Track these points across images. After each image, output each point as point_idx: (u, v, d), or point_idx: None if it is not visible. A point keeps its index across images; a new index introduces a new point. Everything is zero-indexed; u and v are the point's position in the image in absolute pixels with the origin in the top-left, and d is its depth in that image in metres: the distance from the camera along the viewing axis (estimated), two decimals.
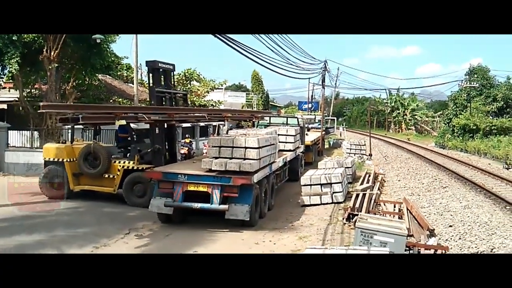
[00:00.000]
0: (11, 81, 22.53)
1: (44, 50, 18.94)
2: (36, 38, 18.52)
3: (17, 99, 21.21)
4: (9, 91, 24.69)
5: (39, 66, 20.05)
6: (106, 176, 13.59)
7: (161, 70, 14.41)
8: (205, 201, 10.53)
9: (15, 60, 17.91)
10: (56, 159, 14.00)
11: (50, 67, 19.29)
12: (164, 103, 14.31)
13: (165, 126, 14.37)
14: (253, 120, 18.59)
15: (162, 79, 14.70)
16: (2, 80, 22.12)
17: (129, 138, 14.49)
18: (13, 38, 17.98)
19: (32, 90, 23.14)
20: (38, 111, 11.37)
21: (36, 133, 19.49)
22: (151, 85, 14.39)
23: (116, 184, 13.52)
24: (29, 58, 19.16)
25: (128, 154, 14.22)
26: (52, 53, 18.99)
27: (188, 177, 10.66)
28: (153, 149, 13.57)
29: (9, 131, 18.35)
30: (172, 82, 15.27)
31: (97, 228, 10.78)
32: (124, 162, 13.60)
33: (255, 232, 10.64)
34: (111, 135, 18.30)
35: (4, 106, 23.81)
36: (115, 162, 13.65)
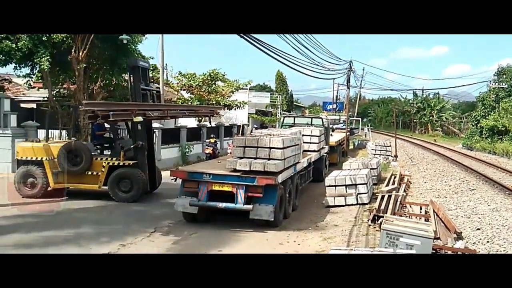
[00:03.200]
0: (40, 80, 23.02)
1: (73, 50, 19.28)
2: (64, 39, 18.88)
3: (46, 98, 21.64)
4: (38, 90, 25.27)
5: (68, 66, 20.42)
6: (89, 173, 13.74)
7: (140, 68, 14.48)
8: (230, 201, 10.57)
9: (45, 60, 18.30)
10: (32, 158, 13.89)
11: (78, 67, 19.64)
12: (146, 99, 14.43)
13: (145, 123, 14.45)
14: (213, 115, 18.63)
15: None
16: (32, 80, 22.60)
17: (106, 135, 14.94)
18: (43, 38, 18.38)
19: (61, 90, 23.60)
20: (80, 108, 11.66)
21: (64, 132, 19.86)
22: (132, 83, 14.43)
23: (101, 180, 13.72)
24: (58, 58, 19.51)
25: (104, 151, 14.62)
26: (80, 54, 19.32)
27: (213, 177, 10.72)
28: (136, 145, 13.87)
29: (38, 130, 18.72)
30: (148, 80, 15.45)
31: (124, 226, 10.94)
32: (109, 159, 13.86)
33: (279, 232, 10.64)
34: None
35: (33, 105, 24.33)
36: (97, 159, 13.90)
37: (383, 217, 10.05)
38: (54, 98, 21.10)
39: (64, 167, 13.61)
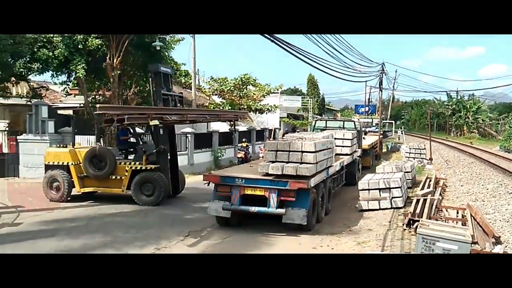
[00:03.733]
0: (76, 87, 23.61)
1: (107, 57, 19.72)
2: (99, 46, 19.33)
3: (82, 105, 22.18)
4: (74, 97, 25.93)
5: (103, 73, 20.91)
6: (113, 177, 14.08)
7: (162, 73, 14.78)
8: (262, 205, 10.57)
9: (81, 67, 18.78)
10: (59, 163, 14.37)
11: (113, 74, 20.06)
12: (168, 104, 14.67)
13: (167, 127, 14.76)
14: (237, 119, 18.41)
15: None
16: (69, 87, 23.22)
17: (130, 140, 15.22)
18: (79, 46, 18.86)
19: (96, 96, 24.15)
20: (95, 112, 12.01)
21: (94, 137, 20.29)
22: (154, 88, 14.77)
23: (124, 184, 14.01)
24: (93, 66, 20.00)
25: (128, 156, 14.87)
26: (114, 61, 19.74)
27: (245, 181, 10.74)
28: (158, 149, 14.12)
29: (75, 136, 19.20)
30: (171, 85, 15.72)
31: (158, 230, 11.09)
32: (132, 163, 14.11)
33: (312, 236, 10.59)
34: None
35: (70, 112, 24.97)
36: (120, 163, 14.18)
37: (418, 221, 9.90)
38: (90, 105, 21.59)
39: (89, 171, 14.00)
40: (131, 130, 15.29)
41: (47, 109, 19.17)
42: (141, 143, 15.14)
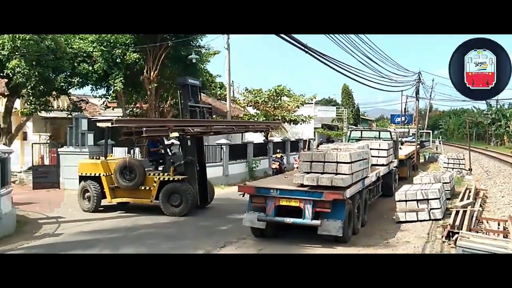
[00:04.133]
0: (115, 100, 24.21)
1: (145, 71, 20.17)
2: (137, 60, 19.79)
3: (120, 117, 22.68)
4: (113, 110, 26.57)
5: (140, 86, 21.39)
6: (142, 188, 14.39)
7: (190, 86, 15.03)
8: (297, 216, 10.53)
9: (119, 81, 19.28)
10: (91, 174, 14.84)
11: (150, 87, 20.51)
12: (195, 116, 14.83)
13: (195, 138, 14.96)
14: (269, 130, 18.17)
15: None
16: (108, 100, 23.81)
17: (160, 152, 15.45)
18: (117, 60, 19.38)
19: (134, 109, 24.69)
20: (111, 125, 12.34)
21: (137, 150, 20.70)
22: (182, 100, 15.05)
23: (153, 195, 14.31)
24: (131, 79, 20.49)
25: (159, 167, 15.09)
26: (151, 74, 20.18)
27: (280, 192, 10.73)
28: (186, 160, 14.40)
29: (113, 148, 19.63)
30: (200, 97, 15.96)
31: (195, 240, 11.19)
32: (160, 174, 14.39)
33: (349, 248, 10.46)
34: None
35: (109, 124, 25.53)
36: (149, 174, 14.47)
37: (458, 233, 9.68)
38: (128, 117, 22.07)
39: (119, 182, 14.41)
40: (161, 142, 15.61)
41: (87, 122, 19.69)
42: (170, 154, 15.46)
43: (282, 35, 7.89)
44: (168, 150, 15.63)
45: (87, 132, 19.33)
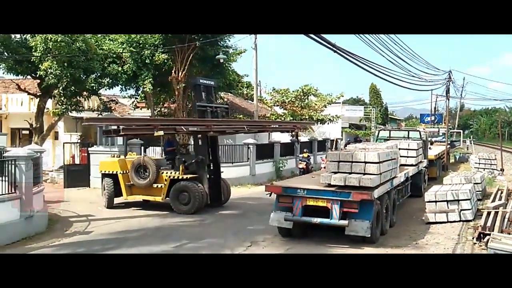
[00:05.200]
0: (144, 101, 24.51)
1: (173, 71, 20.35)
2: (166, 61, 20.00)
3: (149, 117, 22.95)
4: (141, 110, 26.92)
5: (168, 87, 21.58)
6: (155, 186, 14.79)
7: (202, 86, 15.31)
8: (325, 216, 10.46)
9: (148, 81, 19.54)
10: (110, 172, 15.29)
11: (178, 87, 20.68)
12: (206, 116, 14.94)
13: (208, 138, 15.17)
14: (296, 130, 17.95)
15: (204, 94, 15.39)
16: (137, 100, 24.11)
17: (176, 151, 15.73)
18: (146, 61, 19.63)
19: (162, 109, 24.95)
20: (83, 124, 12.55)
21: (159, 149, 20.91)
22: (193, 99, 15.36)
23: (163, 193, 14.65)
24: (159, 79, 20.72)
25: (174, 166, 15.30)
26: (179, 74, 20.35)
27: (307, 192, 10.69)
28: (196, 159, 14.65)
29: (142, 148, 19.90)
30: (214, 97, 16.16)
31: (222, 239, 11.26)
32: (170, 173, 14.69)
33: (377, 249, 10.35)
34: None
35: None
36: (162, 173, 14.76)
37: (489, 234, 9.48)
38: (157, 117, 22.31)
39: (134, 180, 14.86)
40: (176, 141, 16.01)
41: None
42: (184, 153, 15.75)
43: (311, 35, 7.89)
44: (179, 149, 15.92)
45: None
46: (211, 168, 15.42)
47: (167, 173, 14.80)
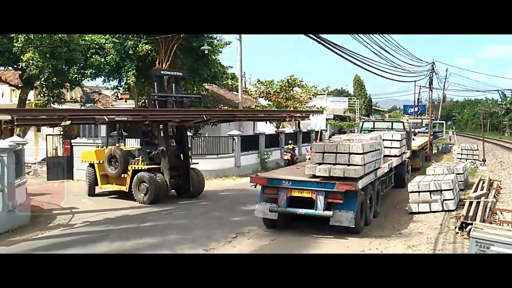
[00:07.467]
0: (127, 92, 24.28)
1: (157, 62, 20.18)
2: (149, 52, 19.82)
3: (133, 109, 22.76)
4: (125, 101, 26.66)
5: (152, 78, 21.37)
6: (123, 176, 15.14)
7: (165, 77, 15.74)
8: (309, 207, 10.52)
9: (131, 73, 19.35)
10: (90, 162, 15.99)
11: None
12: (167, 106, 15.08)
13: (173, 128, 15.60)
14: (298, 119, 17.72)
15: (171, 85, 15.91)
16: (119, 92, 23.88)
17: (152, 142, 15.82)
18: (129, 52, 19.43)
19: (146, 100, 24.72)
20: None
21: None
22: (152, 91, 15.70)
23: (127, 183, 14.94)
24: (143, 70, 20.52)
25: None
26: (163, 65, 20.17)
27: (292, 183, 10.72)
28: (158, 150, 14.80)
29: (126, 140, 19.72)
30: (182, 88, 16.55)
31: (208, 231, 11.26)
32: (134, 163, 14.95)
33: (361, 239, 10.45)
34: None
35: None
36: (130, 163, 15.04)
37: (471, 224, 9.58)
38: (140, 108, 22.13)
39: (107, 170, 15.23)
40: (152, 133, 16.03)
41: None
42: (155, 144, 15.70)
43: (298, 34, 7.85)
44: (144, 140, 15.82)
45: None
46: (181, 159, 15.58)
47: (131, 163, 15.04)
